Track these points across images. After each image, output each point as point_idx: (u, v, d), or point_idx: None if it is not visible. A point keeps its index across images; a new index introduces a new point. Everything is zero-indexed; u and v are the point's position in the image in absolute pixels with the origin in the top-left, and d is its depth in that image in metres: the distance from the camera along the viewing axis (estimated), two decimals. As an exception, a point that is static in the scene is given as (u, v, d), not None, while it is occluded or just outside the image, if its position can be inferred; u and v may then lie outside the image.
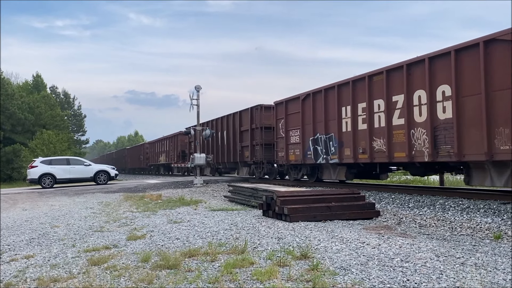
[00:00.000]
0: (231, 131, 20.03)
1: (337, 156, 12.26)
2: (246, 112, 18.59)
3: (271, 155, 16.67)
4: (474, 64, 8.26)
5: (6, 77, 42.67)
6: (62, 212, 10.74)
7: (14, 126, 37.30)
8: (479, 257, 4.87)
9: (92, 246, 6.17)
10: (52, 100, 44.73)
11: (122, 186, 20.01)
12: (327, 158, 12.74)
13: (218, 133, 21.62)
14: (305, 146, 14.01)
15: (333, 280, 4.07)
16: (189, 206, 11.03)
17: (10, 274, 4.89)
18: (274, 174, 17.84)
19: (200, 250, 5.50)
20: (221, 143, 21.41)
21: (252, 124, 17.93)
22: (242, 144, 18.83)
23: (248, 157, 18.16)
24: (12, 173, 35.62)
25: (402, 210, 8.56)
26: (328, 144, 12.70)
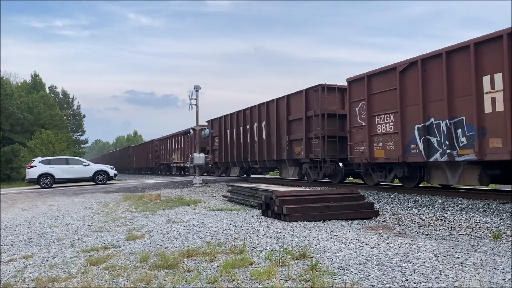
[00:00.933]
0: (273, 122, 16.04)
1: (474, 150, 8.44)
2: (298, 96, 14.54)
3: (335, 151, 13.08)
4: None
5: (5, 77, 42.63)
6: (61, 212, 10.73)
7: (13, 126, 37.25)
8: (478, 256, 4.87)
9: (91, 246, 6.16)
10: (51, 100, 44.68)
11: (121, 186, 19.99)
12: (452, 154, 8.91)
13: (246, 126, 18.18)
14: (406, 137, 10.18)
15: (332, 280, 4.07)
16: (188, 206, 11.02)
17: (8, 274, 4.88)
18: (339, 176, 13.48)
19: (199, 250, 5.50)
20: (256, 137, 17.34)
21: (308, 111, 13.84)
22: (290, 137, 14.91)
23: (301, 154, 14.25)
24: (11, 173, 35.56)
25: (401, 210, 8.56)
26: (455, 133, 8.92)
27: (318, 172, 13.85)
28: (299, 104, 14.46)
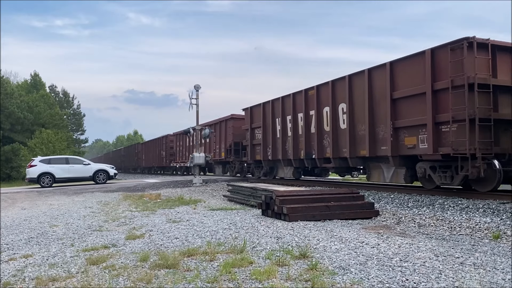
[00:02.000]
0: (360, 103, 11.47)
1: None
2: (414, 61, 9.90)
3: (488, 142, 8.59)
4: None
5: (5, 76, 42.65)
6: (61, 212, 10.73)
7: (13, 125, 37.27)
8: (478, 256, 4.87)
9: (91, 246, 6.16)
10: (51, 99, 44.70)
11: (121, 186, 19.99)
12: None
13: (310, 112, 13.68)
14: None
15: (332, 279, 4.07)
16: (188, 206, 11.02)
17: (8, 274, 4.88)
18: (493, 181, 8.79)
19: (199, 249, 5.50)
20: (327, 126, 12.88)
21: (437, 82, 9.19)
22: (396, 123, 10.23)
23: (418, 147, 9.67)
24: (11, 172, 35.59)
25: (401, 210, 8.56)
26: None
27: (451, 176, 9.28)
28: (415, 73, 9.78)
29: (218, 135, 21.90)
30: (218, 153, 21.91)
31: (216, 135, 21.97)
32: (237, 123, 20.28)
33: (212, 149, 22.71)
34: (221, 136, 21.56)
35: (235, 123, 20.46)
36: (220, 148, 21.73)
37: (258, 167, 18.35)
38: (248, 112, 18.19)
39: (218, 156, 22.05)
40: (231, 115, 20.66)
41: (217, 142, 22.15)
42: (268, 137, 16.33)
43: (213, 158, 21.93)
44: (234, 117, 20.52)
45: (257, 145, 17.39)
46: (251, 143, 17.78)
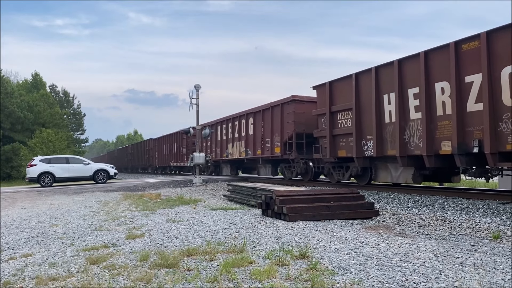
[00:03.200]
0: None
1: None
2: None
3: None
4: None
5: (5, 76, 42.67)
6: (61, 211, 10.73)
7: (14, 124, 37.30)
8: (478, 257, 4.87)
9: (91, 245, 6.16)
10: (51, 98, 44.72)
11: (121, 185, 19.99)
12: None
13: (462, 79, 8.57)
14: None
15: (332, 279, 4.07)
16: (188, 205, 11.03)
17: (8, 273, 4.88)
18: None
19: (199, 249, 5.50)
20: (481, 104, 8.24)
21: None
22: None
23: None
24: (11, 171, 35.63)
25: (401, 210, 8.56)
26: None
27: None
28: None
29: (268, 124, 16.66)
30: (269, 149, 16.44)
31: (265, 125, 16.95)
32: (301, 107, 14.85)
33: (258, 143, 17.37)
34: (273, 126, 16.25)
35: (298, 107, 14.87)
36: (272, 142, 16.23)
37: (338, 168, 12.93)
38: (325, 91, 12.90)
39: (266, 152, 16.71)
40: (291, 96, 15.08)
41: (266, 134, 16.84)
42: (367, 122, 11.24)
43: (256, 155, 17.32)
44: (297, 99, 14.97)
45: (341, 136, 12.30)
46: (330, 134, 12.63)
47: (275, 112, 16.23)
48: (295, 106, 15.02)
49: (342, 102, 12.28)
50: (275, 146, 16.04)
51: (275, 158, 16.32)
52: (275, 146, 16.04)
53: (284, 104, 15.62)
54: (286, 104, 15.49)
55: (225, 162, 21.83)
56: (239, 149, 19.14)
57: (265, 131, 16.93)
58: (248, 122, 18.42)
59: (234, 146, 19.94)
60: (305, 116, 14.63)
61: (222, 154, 21.46)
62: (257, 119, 17.58)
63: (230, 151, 20.30)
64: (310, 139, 14.24)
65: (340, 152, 12.42)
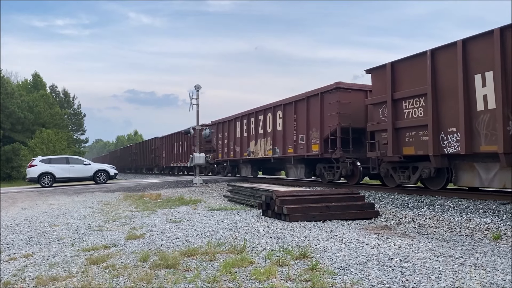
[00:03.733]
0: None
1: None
2: None
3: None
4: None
5: (5, 76, 42.69)
6: (61, 211, 10.73)
7: (14, 125, 37.32)
8: (478, 257, 4.87)
9: (91, 245, 6.17)
10: (51, 99, 44.75)
11: (121, 186, 20.00)
12: None
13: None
14: None
15: (332, 280, 4.07)
16: (188, 206, 11.03)
17: (9, 273, 4.88)
18: None
19: (199, 249, 5.50)
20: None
21: None
22: None
23: None
24: (11, 172, 35.64)
25: (401, 210, 8.56)
26: None
27: None
28: None
29: (302, 118, 14.03)
30: (304, 146, 13.86)
31: (298, 119, 14.33)
32: (347, 96, 12.42)
33: (289, 140, 14.74)
34: (309, 120, 13.67)
35: (343, 96, 12.39)
36: (308, 139, 13.71)
37: (402, 169, 10.54)
38: (384, 74, 10.49)
39: (300, 150, 14.13)
40: (335, 83, 12.52)
41: (299, 129, 14.23)
42: (449, 111, 9.01)
43: (286, 154, 14.94)
44: (342, 86, 12.44)
45: (408, 129, 9.93)
46: (393, 127, 10.21)
47: (312, 103, 13.55)
48: (340, 95, 12.36)
49: (410, 87, 9.84)
50: (312, 143, 13.51)
51: (312, 157, 13.72)
52: (312, 143, 13.51)
53: (325, 94, 12.93)
54: (327, 93, 12.79)
55: (246, 162, 18.92)
56: (264, 147, 16.55)
57: (298, 126, 14.31)
58: (275, 116, 15.75)
59: (257, 143, 17.23)
60: (351, 107, 12.32)
61: (242, 153, 18.54)
62: (287, 112, 14.95)
63: (253, 150, 17.57)
64: (355, 134, 12.27)
65: (407, 149, 9.94)
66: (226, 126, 20.38)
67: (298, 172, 15.30)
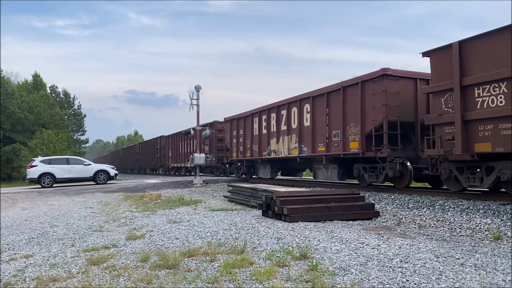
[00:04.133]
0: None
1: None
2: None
3: None
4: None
5: (6, 76, 42.71)
6: (62, 212, 10.73)
7: (14, 125, 37.32)
8: (478, 258, 4.87)
9: (91, 246, 6.17)
10: (51, 99, 44.76)
11: (121, 186, 20.00)
12: None
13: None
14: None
15: (333, 280, 4.07)
16: (188, 206, 11.03)
17: (9, 274, 4.88)
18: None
19: (200, 250, 5.50)
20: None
21: None
22: None
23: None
24: (11, 172, 35.64)
25: (401, 211, 8.56)
26: None
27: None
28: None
29: (337, 112, 12.31)
30: (339, 144, 12.20)
31: (331, 112, 12.60)
32: (394, 85, 10.71)
33: (320, 136, 13.09)
34: (346, 114, 11.98)
35: (390, 85, 10.66)
36: (344, 135, 12.00)
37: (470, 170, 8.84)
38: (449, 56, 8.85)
39: (334, 148, 12.45)
40: (381, 70, 10.74)
41: (333, 124, 12.54)
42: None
43: (316, 153, 13.26)
44: (389, 73, 10.64)
45: (483, 121, 8.24)
46: (461, 119, 8.55)
47: (350, 94, 11.84)
48: (386, 83, 10.62)
49: (485, 71, 8.23)
50: (350, 140, 11.80)
51: (349, 156, 11.99)
52: (350, 140, 11.80)
53: (367, 82, 11.24)
54: (370, 81, 11.06)
55: (265, 161, 17.17)
56: (288, 146, 14.80)
57: (331, 121, 12.58)
58: (302, 110, 14.03)
59: (280, 141, 15.46)
60: (399, 97, 10.69)
61: (261, 152, 16.87)
62: (318, 106, 13.24)
63: (274, 148, 15.82)
64: (402, 130, 10.71)
65: (481, 145, 8.28)
66: (242, 123, 18.56)
67: (328, 174, 13.47)
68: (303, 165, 16.01)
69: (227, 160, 20.86)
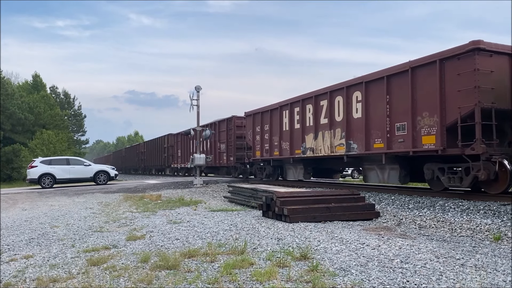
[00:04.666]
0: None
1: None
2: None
3: None
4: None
5: (6, 77, 42.70)
6: (62, 212, 10.73)
7: (14, 126, 37.30)
8: (479, 258, 4.87)
9: (92, 246, 6.17)
10: (51, 100, 44.75)
11: (121, 187, 20.00)
12: None
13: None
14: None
15: (333, 281, 4.07)
16: (188, 207, 11.02)
17: (9, 274, 4.88)
18: None
19: (200, 250, 5.50)
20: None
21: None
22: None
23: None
24: (11, 173, 35.60)
25: (402, 211, 8.55)
26: None
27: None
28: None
29: (403, 99, 9.99)
30: (406, 138, 9.89)
31: (393, 100, 10.33)
32: (488, 63, 8.53)
33: (377, 130, 10.79)
34: (416, 101, 9.66)
35: (483, 63, 8.48)
36: (413, 127, 9.68)
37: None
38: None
39: (397, 145, 10.18)
40: (471, 43, 8.49)
41: (395, 115, 10.27)
42: None
43: (371, 151, 10.96)
44: (481, 46, 8.43)
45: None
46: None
47: (423, 76, 9.53)
48: (479, 60, 8.42)
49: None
50: (423, 133, 9.46)
51: (421, 154, 9.64)
52: (423, 133, 9.46)
53: (448, 60, 8.99)
54: (454, 58, 8.86)
55: (297, 161, 15.02)
56: (331, 142, 12.61)
57: (394, 111, 10.30)
58: (350, 99, 11.80)
59: (318, 137, 13.25)
60: (494, 79, 8.52)
61: (292, 150, 14.73)
62: (373, 93, 11.00)
63: (310, 145, 13.64)
64: (497, 120, 8.39)
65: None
66: (267, 117, 16.41)
67: (385, 176, 11.09)
68: (349, 165, 13.74)
69: (248, 159, 18.73)
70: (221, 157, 21.64)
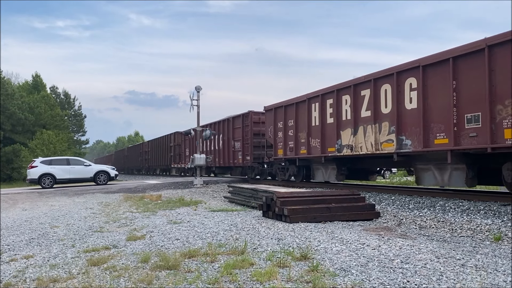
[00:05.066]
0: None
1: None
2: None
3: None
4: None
5: (6, 77, 42.72)
6: (62, 212, 10.73)
7: (14, 126, 37.31)
8: (479, 258, 4.86)
9: (92, 247, 6.17)
10: (52, 100, 44.75)
11: (122, 187, 20.00)
12: None
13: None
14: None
15: (333, 281, 4.06)
16: (189, 207, 11.02)
17: (9, 274, 4.88)
18: None
19: (200, 250, 5.50)
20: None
21: None
22: None
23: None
24: (12, 173, 35.61)
25: (402, 212, 8.55)
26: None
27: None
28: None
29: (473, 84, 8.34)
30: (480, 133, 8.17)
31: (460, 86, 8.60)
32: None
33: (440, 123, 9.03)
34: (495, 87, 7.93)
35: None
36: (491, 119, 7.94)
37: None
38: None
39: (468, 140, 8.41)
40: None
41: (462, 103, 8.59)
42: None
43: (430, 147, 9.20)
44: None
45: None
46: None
47: (504, 57, 7.79)
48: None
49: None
50: (506, 126, 7.75)
51: (503, 151, 7.97)
52: (506, 126, 7.75)
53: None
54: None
55: (329, 160, 13.11)
56: (376, 138, 10.82)
57: (462, 99, 8.61)
58: (402, 87, 10.03)
59: (359, 133, 11.45)
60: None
61: (324, 148, 12.94)
62: (433, 78, 9.25)
63: (348, 142, 11.84)
64: None
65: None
66: (292, 111, 14.59)
67: (445, 177, 9.31)
68: (398, 164, 12.07)
69: (268, 158, 17.00)
70: (235, 156, 19.78)
